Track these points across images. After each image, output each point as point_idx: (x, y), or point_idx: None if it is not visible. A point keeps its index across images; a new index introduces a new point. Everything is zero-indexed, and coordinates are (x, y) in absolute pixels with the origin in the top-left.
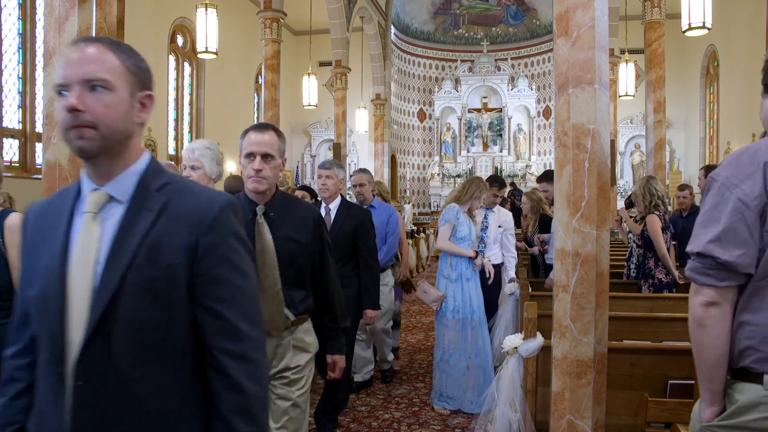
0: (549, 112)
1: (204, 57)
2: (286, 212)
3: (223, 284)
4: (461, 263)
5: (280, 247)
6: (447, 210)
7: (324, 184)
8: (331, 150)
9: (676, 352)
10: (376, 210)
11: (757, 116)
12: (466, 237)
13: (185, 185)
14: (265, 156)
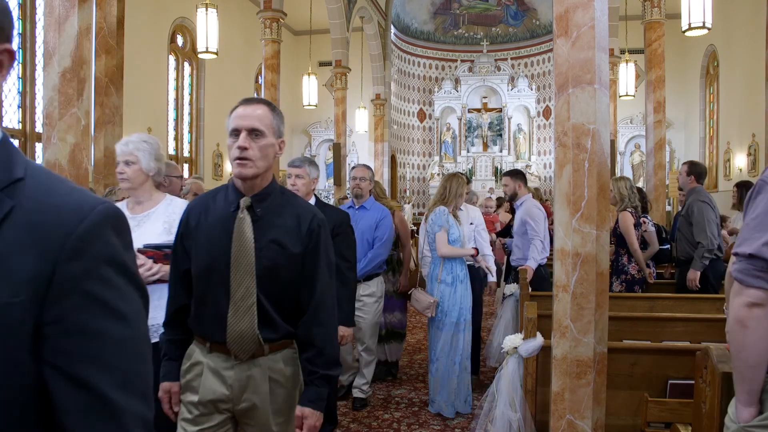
0: (549, 112)
1: (204, 57)
2: (278, 210)
3: (89, 337)
4: (456, 266)
5: (262, 252)
6: (437, 215)
7: (294, 184)
8: (331, 150)
9: (676, 352)
10: (368, 211)
11: (757, 116)
12: (458, 239)
13: (49, 184)
14: (253, 132)
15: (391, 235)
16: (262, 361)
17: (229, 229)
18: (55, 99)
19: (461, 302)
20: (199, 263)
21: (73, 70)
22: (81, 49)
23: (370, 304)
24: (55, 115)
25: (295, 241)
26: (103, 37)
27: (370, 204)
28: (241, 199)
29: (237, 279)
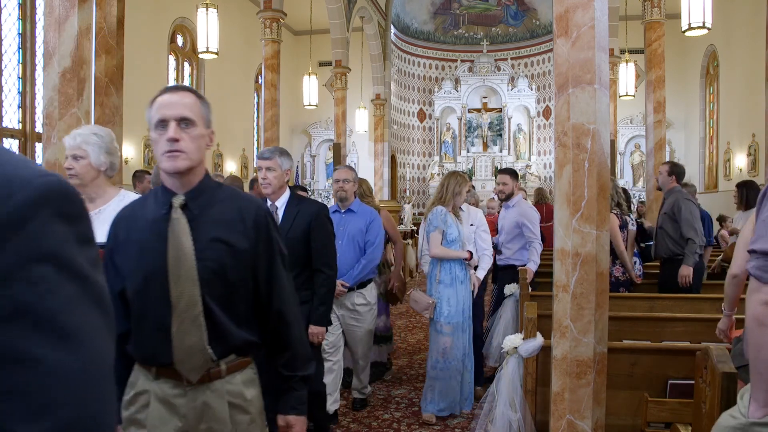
0: (549, 112)
1: (204, 57)
2: (217, 206)
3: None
4: (455, 266)
5: (204, 253)
6: (434, 215)
7: (264, 177)
8: (331, 150)
9: (676, 352)
10: (355, 214)
11: (757, 116)
12: (457, 239)
13: None
14: (183, 121)
15: (383, 238)
16: (219, 384)
17: (162, 234)
18: (55, 99)
19: (462, 303)
20: (133, 278)
21: (73, 70)
22: (81, 49)
23: (365, 314)
24: (55, 115)
25: (240, 237)
26: (103, 37)
27: (357, 206)
28: (172, 198)
29: (178, 288)
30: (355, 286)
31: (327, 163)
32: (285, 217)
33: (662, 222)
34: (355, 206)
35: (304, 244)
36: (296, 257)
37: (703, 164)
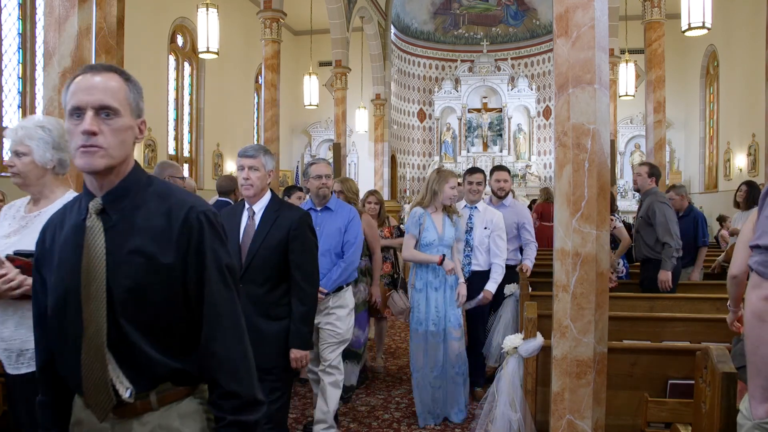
0: (549, 112)
1: (204, 57)
2: (141, 210)
3: None
4: (427, 271)
5: (119, 268)
6: (409, 217)
7: (247, 178)
8: (331, 150)
9: (676, 352)
10: (333, 213)
11: (757, 116)
12: (434, 243)
13: None
14: (103, 110)
15: (362, 239)
16: (150, 417)
17: (79, 244)
18: (55, 99)
19: (436, 311)
20: (52, 295)
21: (73, 70)
22: (81, 49)
23: (343, 317)
24: (56, 115)
25: (165, 248)
26: (103, 37)
27: (335, 204)
28: (89, 202)
29: (88, 309)
30: (331, 291)
31: None
32: (262, 223)
33: (639, 226)
34: (333, 204)
35: (281, 254)
36: (271, 269)
37: (703, 164)
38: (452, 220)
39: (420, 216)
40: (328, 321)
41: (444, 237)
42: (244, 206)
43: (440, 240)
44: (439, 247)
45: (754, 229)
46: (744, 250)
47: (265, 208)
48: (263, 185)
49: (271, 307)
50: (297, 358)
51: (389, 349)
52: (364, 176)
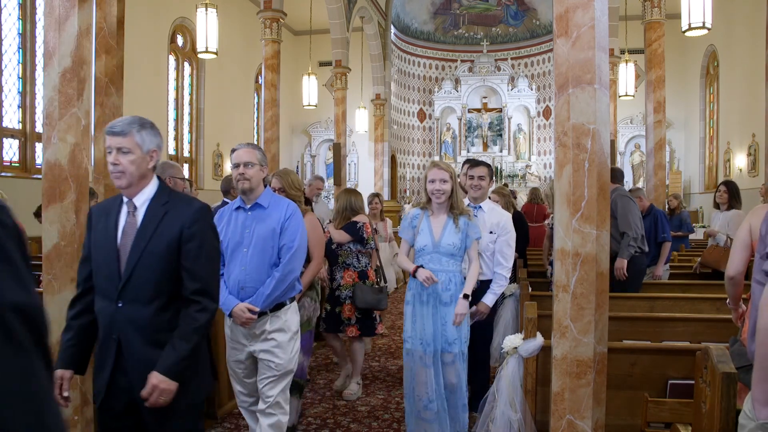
0: (549, 112)
1: (204, 57)
2: None
3: None
4: (416, 281)
5: None
6: (403, 219)
7: (116, 162)
8: (331, 150)
9: (676, 352)
10: (265, 210)
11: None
12: (426, 249)
13: None
14: None
15: (305, 242)
16: None
17: None
18: (55, 99)
19: (423, 329)
20: None
21: (73, 70)
22: (81, 49)
23: (284, 344)
24: (55, 115)
25: None
26: (103, 37)
27: (268, 199)
28: None
29: None
30: (269, 310)
31: (327, 163)
32: (146, 220)
33: None
34: (264, 199)
35: (171, 261)
36: (160, 281)
37: (703, 164)
38: (457, 224)
39: (413, 217)
40: (265, 349)
41: (440, 243)
42: (122, 200)
43: (434, 246)
44: (433, 254)
45: (750, 231)
46: (740, 252)
47: (149, 200)
48: (142, 172)
49: (162, 334)
50: (154, 385)
51: (389, 349)
52: (364, 176)
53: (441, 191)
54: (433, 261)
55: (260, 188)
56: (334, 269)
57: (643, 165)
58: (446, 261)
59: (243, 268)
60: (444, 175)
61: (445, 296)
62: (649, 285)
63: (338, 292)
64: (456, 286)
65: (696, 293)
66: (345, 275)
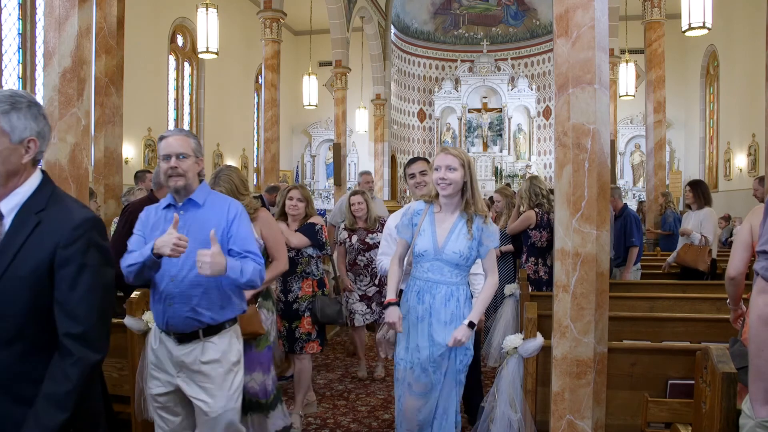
0: (549, 112)
1: (204, 57)
2: None
3: None
4: (410, 291)
5: None
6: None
7: None
8: (331, 150)
9: (676, 352)
10: (202, 209)
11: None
12: (427, 255)
13: None
14: None
15: (255, 246)
16: None
17: None
18: (55, 99)
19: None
20: None
21: (73, 70)
22: (81, 49)
23: (216, 379)
24: (55, 115)
25: None
26: (103, 37)
27: (206, 196)
28: None
29: None
30: (201, 332)
31: (327, 163)
32: (12, 233)
33: None
34: (200, 195)
35: (37, 292)
36: (24, 315)
37: (703, 164)
38: (470, 228)
39: (415, 213)
40: (198, 385)
41: (444, 250)
42: None
43: (436, 252)
44: (434, 262)
45: (751, 232)
46: (740, 252)
47: (19, 207)
48: (10, 168)
49: (26, 385)
50: None
51: None
52: None
53: (447, 181)
54: (434, 270)
55: (195, 183)
56: (290, 280)
57: (643, 165)
58: (449, 271)
59: (172, 279)
60: (451, 160)
61: (444, 314)
62: (650, 285)
63: (296, 305)
64: (459, 302)
65: (696, 293)
66: (303, 285)
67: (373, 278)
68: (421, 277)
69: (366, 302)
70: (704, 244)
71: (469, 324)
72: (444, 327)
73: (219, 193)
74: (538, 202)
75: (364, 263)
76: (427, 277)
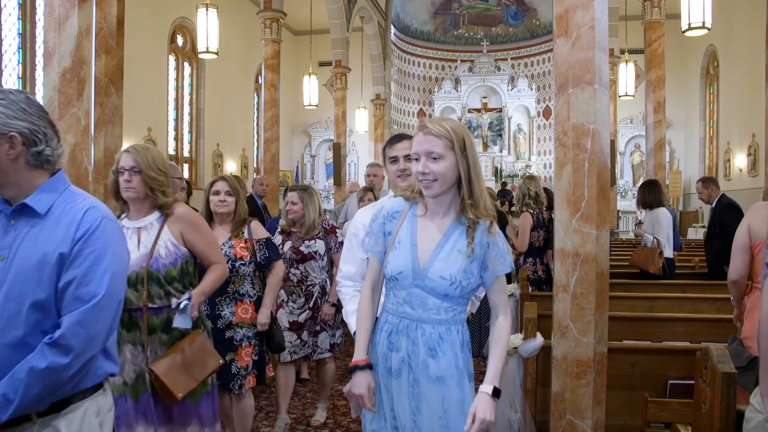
0: (549, 112)
1: (204, 57)
2: None
3: None
4: (379, 331)
5: None
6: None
7: None
8: (331, 150)
9: (676, 352)
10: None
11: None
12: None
13: None
14: None
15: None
16: None
17: None
18: (55, 99)
19: (393, 419)
20: None
21: (73, 70)
22: (81, 49)
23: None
24: (56, 115)
25: None
26: (103, 37)
27: (50, 198)
28: None
29: None
30: (35, 415)
31: (327, 163)
32: None
33: None
34: (42, 199)
35: None
36: None
37: (703, 164)
38: (471, 239)
39: (390, 216)
40: None
41: (427, 272)
42: None
43: (416, 276)
44: (413, 290)
45: (748, 233)
46: (740, 255)
47: None
48: None
49: None
50: None
51: None
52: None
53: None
54: (413, 301)
55: (26, 176)
56: (220, 302)
57: (643, 165)
58: (436, 305)
59: None
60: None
61: (433, 367)
62: (650, 285)
63: (230, 333)
64: (455, 350)
65: (696, 293)
66: (238, 310)
67: (308, 299)
68: (394, 311)
69: (296, 331)
70: (656, 246)
71: (494, 392)
72: (434, 387)
73: (80, 194)
74: (525, 203)
75: (298, 278)
76: (402, 312)
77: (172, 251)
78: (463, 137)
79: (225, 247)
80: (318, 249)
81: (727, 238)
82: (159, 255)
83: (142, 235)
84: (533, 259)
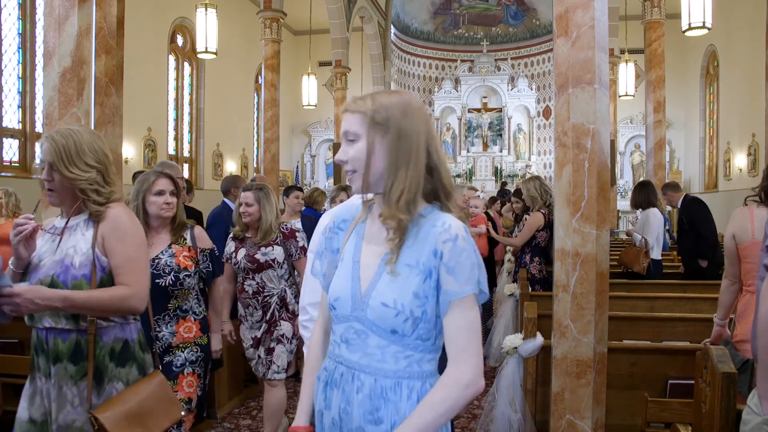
0: (549, 112)
1: (204, 57)
2: None
3: None
4: (319, 381)
5: None
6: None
7: None
8: (331, 150)
9: (676, 352)
10: None
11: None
12: (339, 306)
13: None
14: None
15: None
16: None
17: None
18: (55, 99)
19: None
20: None
21: (73, 70)
22: (81, 49)
23: None
24: (55, 115)
25: None
26: (103, 37)
27: None
28: None
29: None
30: None
31: (327, 163)
32: None
33: None
34: None
35: None
36: None
37: (703, 164)
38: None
39: (336, 225)
40: None
41: (368, 299)
42: None
43: (355, 304)
44: (353, 323)
45: (734, 239)
46: (731, 262)
47: None
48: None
49: None
50: None
51: None
52: None
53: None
54: (351, 340)
55: None
56: (158, 321)
57: (643, 165)
58: (380, 346)
59: None
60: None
61: (393, 416)
62: (650, 285)
63: (169, 358)
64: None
65: (696, 293)
66: (180, 329)
67: (265, 311)
68: (330, 354)
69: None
70: (643, 245)
71: None
72: None
73: None
74: (549, 203)
75: (254, 289)
76: (338, 356)
77: (90, 261)
78: (388, 108)
79: (165, 255)
80: (276, 257)
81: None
82: (71, 264)
83: (64, 237)
84: (539, 258)
